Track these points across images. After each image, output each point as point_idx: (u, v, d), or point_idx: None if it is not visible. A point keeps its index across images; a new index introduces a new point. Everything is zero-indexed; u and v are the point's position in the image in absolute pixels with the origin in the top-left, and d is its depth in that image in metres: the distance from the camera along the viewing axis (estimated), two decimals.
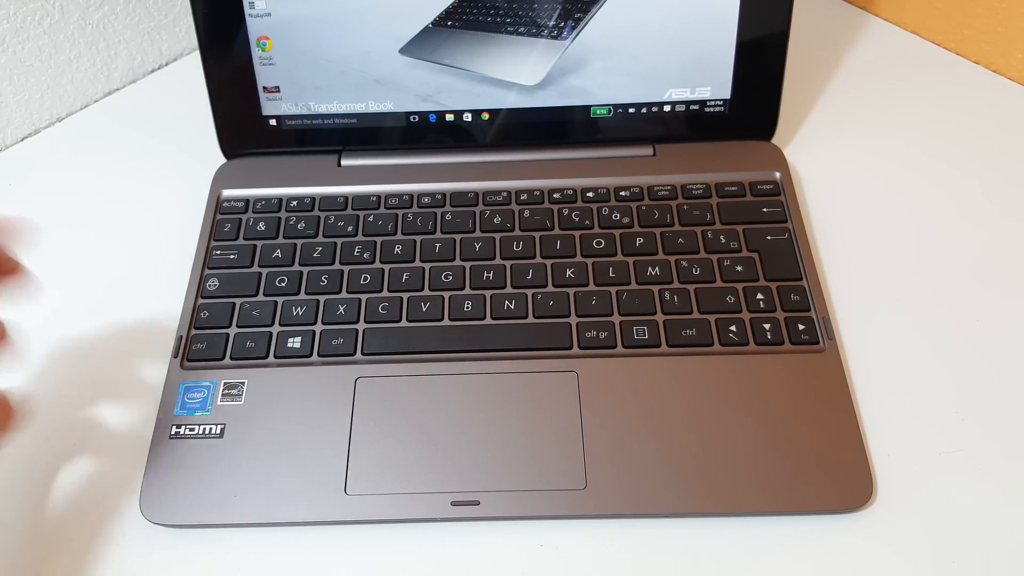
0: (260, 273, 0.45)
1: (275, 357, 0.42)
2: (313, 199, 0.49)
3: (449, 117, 0.50)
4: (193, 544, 0.37)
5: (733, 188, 0.48)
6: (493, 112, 0.49)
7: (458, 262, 0.46)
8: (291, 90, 0.49)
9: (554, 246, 0.46)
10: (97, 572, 0.37)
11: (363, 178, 0.50)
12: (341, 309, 0.44)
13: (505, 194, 0.48)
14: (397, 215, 0.48)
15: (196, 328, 0.43)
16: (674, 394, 0.40)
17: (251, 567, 0.37)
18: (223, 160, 0.51)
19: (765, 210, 0.47)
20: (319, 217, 0.48)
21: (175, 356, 0.42)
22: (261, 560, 0.37)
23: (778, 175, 0.49)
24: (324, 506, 0.37)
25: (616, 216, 0.47)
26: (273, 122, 0.50)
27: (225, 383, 0.41)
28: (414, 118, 0.50)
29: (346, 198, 0.49)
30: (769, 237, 0.46)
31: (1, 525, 0.38)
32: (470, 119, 0.50)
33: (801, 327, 0.42)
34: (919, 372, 0.42)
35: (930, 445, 0.39)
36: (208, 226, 0.48)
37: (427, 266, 0.45)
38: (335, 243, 0.47)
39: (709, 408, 0.39)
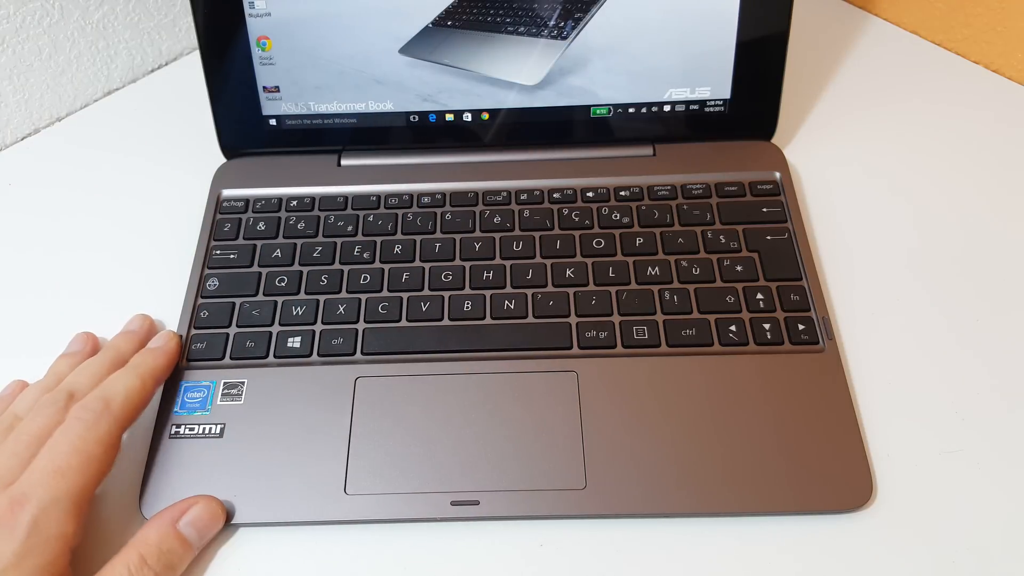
0: (260, 273, 0.45)
1: (275, 357, 0.42)
2: (313, 199, 0.49)
3: (449, 117, 0.50)
4: None
5: (733, 188, 0.48)
6: (493, 112, 0.49)
7: (458, 262, 0.46)
8: (291, 90, 0.49)
9: (554, 246, 0.46)
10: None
11: (363, 178, 0.50)
12: (341, 309, 0.44)
13: (505, 194, 0.48)
14: (397, 215, 0.48)
15: (196, 328, 0.43)
16: (674, 394, 0.40)
17: (251, 567, 0.37)
18: (223, 160, 0.51)
19: (765, 210, 0.47)
20: (319, 217, 0.48)
21: None
22: (261, 560, 0.37)
23: (778, 175, 0.49)
24: (324, 506, 0.37)
25: (616, 216, 0.47)
26: (273, 122, 0.50)
27: (225, 383, 0.41)
28: (414, 118, 0.50)
29: (346, 198, 0.49)
30: (769, 237, 0.46)
31: None
32: (470, 119, 0.50)
33: (801, 327, 0.42)
34: (919, 372, 0.42)
35: (930, 445, 0.39)
36: (208, 226, 0.48)
37: (427, 266, 0.45)
38: (335, 243, 0.47)
39: (709, 408, 0.39)
